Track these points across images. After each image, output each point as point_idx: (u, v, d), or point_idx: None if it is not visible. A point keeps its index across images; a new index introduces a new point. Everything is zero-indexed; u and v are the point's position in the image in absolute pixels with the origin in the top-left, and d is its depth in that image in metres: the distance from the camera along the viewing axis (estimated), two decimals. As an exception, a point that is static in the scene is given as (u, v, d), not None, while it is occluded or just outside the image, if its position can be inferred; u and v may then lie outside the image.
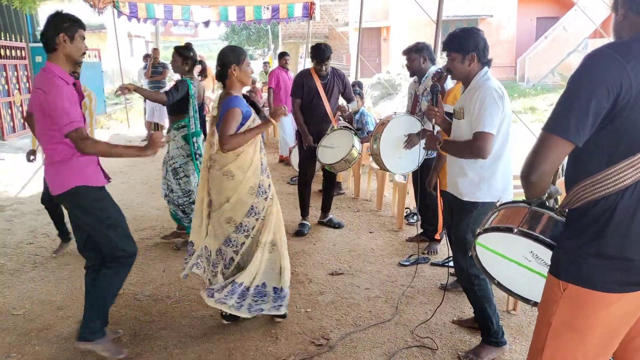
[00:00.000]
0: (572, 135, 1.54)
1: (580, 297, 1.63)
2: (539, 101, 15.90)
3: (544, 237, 1.91)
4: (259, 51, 42.50)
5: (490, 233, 2.18)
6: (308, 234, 5.24)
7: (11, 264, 4.49)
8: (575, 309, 1.64)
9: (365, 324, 3.46)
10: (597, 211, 1.60)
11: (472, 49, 2.85)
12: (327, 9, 24.43)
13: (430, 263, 4.42)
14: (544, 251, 1.94)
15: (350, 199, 6.53)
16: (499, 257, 2.21)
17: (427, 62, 4.41)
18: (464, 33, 2.90)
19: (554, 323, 1.69)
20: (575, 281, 1.63)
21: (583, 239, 1.63)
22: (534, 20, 23.68)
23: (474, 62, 2.87)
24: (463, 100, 2.93)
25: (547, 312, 1.72)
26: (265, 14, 11.19)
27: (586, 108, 1.52)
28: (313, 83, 5.08)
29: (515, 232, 1.99)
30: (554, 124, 1.57)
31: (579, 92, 1.54)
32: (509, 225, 2.05)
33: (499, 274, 2.30)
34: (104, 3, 9.85)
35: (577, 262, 1.63)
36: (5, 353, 3.12)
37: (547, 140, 1.58)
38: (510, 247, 2.12)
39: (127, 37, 25.14)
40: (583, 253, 1.62)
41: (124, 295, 3.86)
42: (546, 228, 1.95)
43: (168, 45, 40.87)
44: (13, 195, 6.77)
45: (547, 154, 1.58)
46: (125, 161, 9.08)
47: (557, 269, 1.70)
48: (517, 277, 2.20)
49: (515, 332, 3.33)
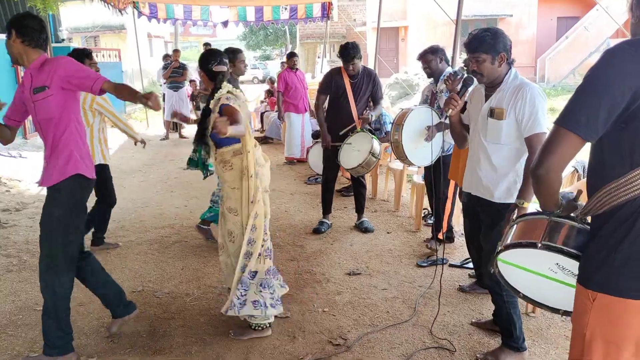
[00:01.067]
0: (582, 130, 1.51)
1: (610, 306, 1.57)
2: (559, 102, 15.70)
3: (569, 249, 1.83)
4: (277, 51, 42.64)
5: (512, 249, 2.12)
6: (325, 233, 5.24)
7: (33, 260, 4.56)
8: (607, 319, 1.58)
9: (382, 324, 3.45)
10: (622, 216, 1.56)
11: (502, 49, 2.79)
12: (345, 9, 24.44)
13: (448, 264, 4.39)
14: (570, 262, 1.86)
15: (368, 199, 6.51)
16: (523, 271, 2.14)
17: (443, 62, 4.49)
18: (492, 33, 2.81)
19: (588, 335, 1.62)
20: (604, 290, 1.58)
21: (609, 245, 1.58)
22: (555, 19, 23.43)
23: (504, 62, 2.82)
24: (499, 100, 2.83)
25: (580, 323, 1.67)
26: (283, 14, 11.25)
27: (600, 103, 1.48)
28: (342, 82, 5.05)
29: (539, 246, 1.91)
30: (566, 118, 1.54)
31: (595, 87, 1.50)
32: (532, 240, 1.95)
33: (525, 287, 2.20)
34: (124, 3, 9.97)
35: (604, 270, 1.58)
36: (28, 348, 3.18)
37: (557, 133, 1.55)
38: (534, 260, 2.03)
39: (147, 37, 25.44)
40: (610, 260, 1.57)
41: (143, 292, 3.91)
42: (569, 238, 1.87)
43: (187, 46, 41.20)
44: (35, 193, 6.88)
45: (556, 147, 1.55)
46: (145, 160, 9.19)
47: (585, 278, 1.65)
48: (543, 289, 2.10)
49: (534, 334, 3.30)
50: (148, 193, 6.99)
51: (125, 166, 8.76)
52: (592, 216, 1.65)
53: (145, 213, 6.03)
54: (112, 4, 8.84)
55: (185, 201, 6.54)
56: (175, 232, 5.31)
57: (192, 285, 4.07)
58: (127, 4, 10.21)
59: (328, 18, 11.34)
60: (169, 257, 4.65)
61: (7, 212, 5.90)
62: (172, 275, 4.26)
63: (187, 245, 4.94)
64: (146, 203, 6.44)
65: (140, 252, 4.76)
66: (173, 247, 4.90)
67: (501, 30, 2.87)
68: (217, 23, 11.62)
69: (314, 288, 3.98)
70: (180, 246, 4.92)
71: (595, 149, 1.63)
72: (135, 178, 7.94)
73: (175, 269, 4.37)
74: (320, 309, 3.67)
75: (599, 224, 1.63)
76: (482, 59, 2.80)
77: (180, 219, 5.77)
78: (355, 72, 5.01)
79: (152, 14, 11.03)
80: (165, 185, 7.45)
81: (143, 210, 6.14)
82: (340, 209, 6.10)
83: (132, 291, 3.91)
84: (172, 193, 6.97)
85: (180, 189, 7.23)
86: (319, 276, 4.20)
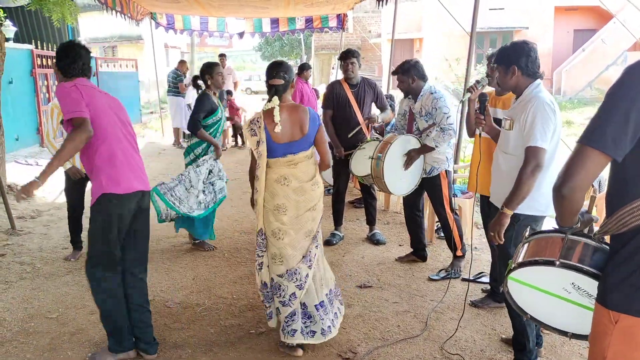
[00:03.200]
0: (608, 148, 1.48)
1: (634, 327, 1.54)
2: (575, 115, 15.59)
3: (588, 268, 1.79)
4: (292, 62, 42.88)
5: (527, 267, 2.07)
6: (337, 245, 5.22)
7: (47, 267, 4.60)
8: (632, 340, 1.55)
9: (393, 338, 3.42)
10: None
11: (514, 62, 2.83)
12: (360, 20, 24.48)
13: (461, 278, 4.34)
14: (586, 281, 1.81)
15: (380, 211, 6.49)
16: (534, 291, 2.09)
17: (417, 81, 4.30)
18: (511, 46, 2.90)
19: (610, 356, 1.58)
20: (627, 311, 1.54)
21: (631, 265, 1.55)
22: (571, 32, 23.27)
23: (516, 75, 2.85)
24: (513, 111, 2.91)
25: (599, 345, 1.62)
26: (299, 24, 11.31)
27: (625, 120, 1.46)
28: (343, 92, 5.09)
29: (558, 264, 1.88)
30: (590, 136, 1.52)
31: (618, 104, 1.48)
32: (549, 258, 1.91)
33: (534, 308, 2.15)
34: (141, 15, 10.11)
35: (626, 291, 1.55)
36: (39, 355, 3.20)
37: (583, 152, 1.52)
38: (548, 279, 1.98)
39: (164, 47, 25.73)
40: (633, 279, 1.54)
41: (154, 301, 3.91)
42: (585, 256, 1.83)
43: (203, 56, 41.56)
44: (50, 200, 6.95)
45: (581, 167, 1.52)
46: (159, 169, 9.25)
47: (605, 299, 1.61)
48: (553, 310, 2.06)
49: (548, 352, 3.24)
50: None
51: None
52: (614, 235, 1.61)
53: (158, 222, 6.04)
54: (129, 15, 8.96)
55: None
56: (187, 241, 5.32)
57: (202, 295, 4.06)
58: (145, 15, 10.35)
59: (343, 29, 11.38)
60: (180, 266, 4.66)
61: (22, 220, 5.96)
62: (183, 285, 4.27)
63: (198, 255, 4.95)
64: (159, 212, 6.46)
65: (151, 261, 4.74)
66: (184, 257, 4.91)
67: (526, 44, 2.87)
68: (233, 34, 11.72)
69: (324, 300, 3.95)
70: (191, 256, 4.93)
71: (616, 166, 1.60)
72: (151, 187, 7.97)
73: (186, 279, 4.38)
74: (330, 321, 3.64)
75: (621, 243, 1.59)
76: (498, 70, 2.94)
77: (193, 228, 5.78)
78: (354, 73, 5.04)
79: (169, 24, 11.16)
80: (179, 195, 7.47)
81: (155, 220, 6.14)
82: (352, 220, 6.08)
83: (143, 300, 3.92)
84: (185, 202, 6.99)
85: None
86: (329, 288, 4.18)
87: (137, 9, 9.53)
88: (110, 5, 7.41)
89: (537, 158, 2.69)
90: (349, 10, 10.71)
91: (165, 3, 9.19)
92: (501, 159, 3.02)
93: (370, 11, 25.54)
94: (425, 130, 4.32)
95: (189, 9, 9.94)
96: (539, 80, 2.87)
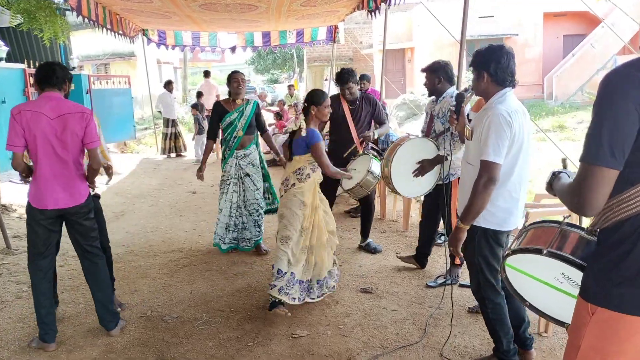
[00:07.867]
0: (612, 163, 1.49)
1: (609, 321, 1.57)
2: (567, 119, 15.67)
3: (574, 258, 1.83)
4: (285, 75, 43.07)
5: (520, 254, 2.11)
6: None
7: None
8: (604, 334, 1.58)
9: (392, 346, 3.41)
10: (625, 231, 1.55)
11: (484, 67, 2.76)
12: (351, 32, 24.65)
13: (458, 284, 4.35)
14: (575, 272, 1.85)
15: (377, 220, 6.49)
16: (530, 279, 2.14)
17: (442, 82, 4.22)
18: (485, 50, 2.79)
19: (583, 347, 1.63)
20: (604, 304, 1.57)
21: (611, 260, 1.58)
22: (561, 38, 23.47)
23: (485, 80, 2.77)
24: (475, 120, 2.86)
25: (576, 335, 1.67)
26: (290, 38, 11.38)
27: (619, 129, 1.47)
28: (341, 108, 5.07)
29: (545, 253, 1.91)
30: (595, 154, 1.51)
31: (606, 114, 1.49)
32: (538, 247, 1.97)
33: (532, 296, 2.21)
34: (134, 32, 10.15)
35: (605, 285, 1.57)
36: None
37: (592, 172, 1.51)
38: (541, 268, 2.04)
39: (157, 63, 25.78)
40: (612, 275, 1.56)
41: (152, 316, 3.90)
42: (577, 248, 1.87)
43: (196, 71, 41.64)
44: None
45: (596, 186, 1.51)
46: (154, 185, 9.25)
47: (586, 291, 1.65)
48: (549, 299, 2.11)
49: (547, 355, 3.24)
50: (157, 217, 7.02)
51: (136, 191, 8.82)
52: (600, 229, 1.64)
53: (155, 237, 6.04)
54: (121, 32, 8.99)
55: (194, 225, 6.56)
56: (184, 256, 5.31)
57: (200, 309, 4.05)
58: (137, 31, 10.39)
59: (334, 41, 11.45)
60: (177, 281, 4.64)
61: (18, 239, 5.93)
62: (181, 299, 4.25)
63: (195, 269, 4.94)
64: (155, 227, 6.47)
65: (148, 276, 4.77)
66: (182, 271, 4.90)
67: (500, 49, 2.76)
68: (225, 48, 11.77)
69: (322, 310, 3.95)
70: (189, 270, 4.91)
71: None
72: (145, 203, 7.98)
73: (183, 293, 4.36)
74: (329, 330, 3.64)
75: (604, 237, 1.63)
76: (473, 73, 2.87)
77: (189, 242, 5.78)
78: (352, 96, 5.03)
79: (161, 40, 11.20)
80: (175, 210, 7.48)
81: (152, 235, 6.15)
82: (349, 230, 6.08)
83: (140, 316, 3.90)
84: (181, 217, 6.99)
85: (189, 213, 7.25)
86: (327, 298, 4.17)
87: (129, 25, 9.57)
88: (101, 23, 7.44)
89: (489, 172, 2.64)
90: (340, 22, 10.79)
91: (156, 19, 9.23)
92: (464, 169, 2.97)
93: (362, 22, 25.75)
94: (441, 134, 4.21)
95: (181, 24, 9.99)
96: (506, 90, 2.76)
